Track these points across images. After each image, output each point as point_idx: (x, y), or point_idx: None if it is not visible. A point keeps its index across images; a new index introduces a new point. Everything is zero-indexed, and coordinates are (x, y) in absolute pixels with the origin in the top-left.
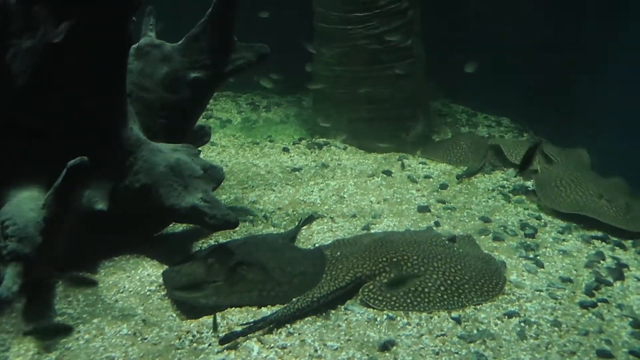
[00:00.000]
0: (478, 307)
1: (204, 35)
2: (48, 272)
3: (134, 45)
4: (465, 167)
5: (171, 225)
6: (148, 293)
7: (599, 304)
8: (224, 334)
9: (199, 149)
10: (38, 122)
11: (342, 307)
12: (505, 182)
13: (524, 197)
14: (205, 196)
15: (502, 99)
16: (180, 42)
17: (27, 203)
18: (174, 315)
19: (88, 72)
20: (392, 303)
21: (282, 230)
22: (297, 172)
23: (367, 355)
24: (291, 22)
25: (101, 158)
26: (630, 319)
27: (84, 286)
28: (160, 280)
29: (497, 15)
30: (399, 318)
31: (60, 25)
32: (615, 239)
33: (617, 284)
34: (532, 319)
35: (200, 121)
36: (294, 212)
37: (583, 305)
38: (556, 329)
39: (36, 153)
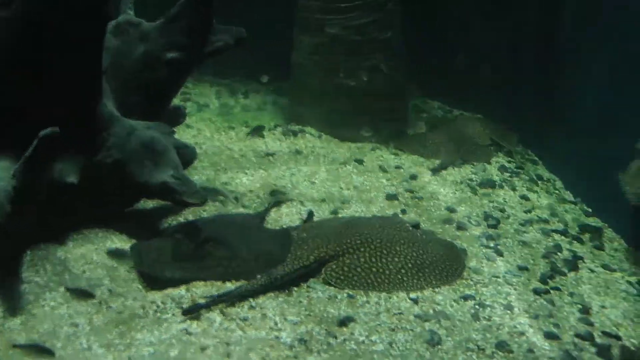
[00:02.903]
0: (436, 290)
1: (183, 15)
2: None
3: (112, 23)
4: (438, 161)
5: (142, 201)
6: (115, 265)
7: (552, 291)
8: (187, 305)
9: (174, 129)
10: (11, 95)
11: (305, 285)
12: (473, 175)
13: (490, 191)
14: (175, 173)
15: (479, 97)
16: (158, 21)
17: None
18: (140, 287)
19: (65, 47)
20: (353, 282)
21: (252, 212)
22: (270, 157)
23: (326, 329)
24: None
25: (74, 132)
26: (580, 306)
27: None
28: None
29: (476, 13)
30: (358, 297)
31: None
32: (574, 233)
33: (571, 274)
34: (487, 302)
35: (178, 104)
36: (265, 195)
37: (536, 292)
38: (508, 312)
39: (9, 125)
